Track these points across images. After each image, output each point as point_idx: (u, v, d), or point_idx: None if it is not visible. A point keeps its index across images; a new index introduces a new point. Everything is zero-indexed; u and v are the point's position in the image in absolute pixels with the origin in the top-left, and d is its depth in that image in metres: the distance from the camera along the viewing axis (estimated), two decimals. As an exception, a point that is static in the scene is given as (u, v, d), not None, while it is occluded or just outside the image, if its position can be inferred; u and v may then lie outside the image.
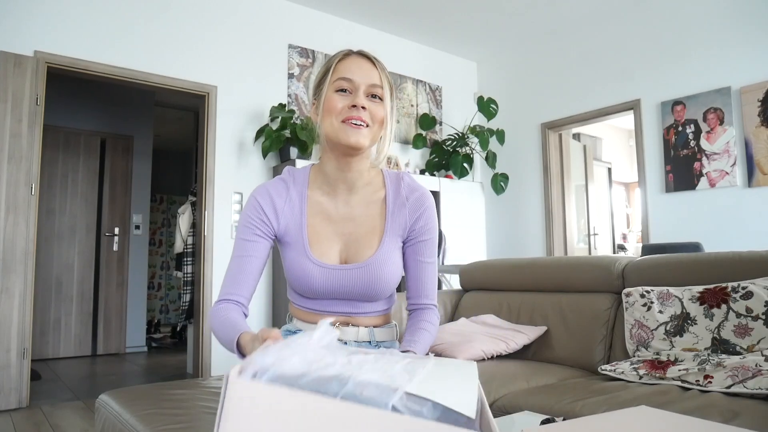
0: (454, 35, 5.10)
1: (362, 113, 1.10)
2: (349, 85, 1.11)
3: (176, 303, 7.80)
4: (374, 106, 1.12)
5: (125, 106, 5.57)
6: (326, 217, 1.20)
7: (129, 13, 3.70)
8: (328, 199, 1.21)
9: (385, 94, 1.14)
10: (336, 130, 1.11)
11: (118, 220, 5.45)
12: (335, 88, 1.12)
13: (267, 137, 3.89)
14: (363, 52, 1.16)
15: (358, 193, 1.21)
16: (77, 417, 3.02)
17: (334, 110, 1.11)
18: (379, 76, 1.13)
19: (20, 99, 3.25)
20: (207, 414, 1.29)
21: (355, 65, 1.13)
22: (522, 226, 5.16)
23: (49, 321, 5.03)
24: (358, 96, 1.10)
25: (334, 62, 1.14)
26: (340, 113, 1.11)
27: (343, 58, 1.15)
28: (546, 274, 2.32)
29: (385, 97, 1.14)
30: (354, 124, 1.10)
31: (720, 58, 3.93)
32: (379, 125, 1.14)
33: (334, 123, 1.11)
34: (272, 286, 4.08)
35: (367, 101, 1.12)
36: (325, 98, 1.13)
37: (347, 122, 1.10)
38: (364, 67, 1.13)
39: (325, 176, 1.20)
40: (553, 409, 1.44)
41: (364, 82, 1.11)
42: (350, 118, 1.10)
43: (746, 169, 3.77)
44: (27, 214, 3.24)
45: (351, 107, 1.10)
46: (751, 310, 1.61)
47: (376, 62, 1.15)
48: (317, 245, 1.17)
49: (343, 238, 1.19)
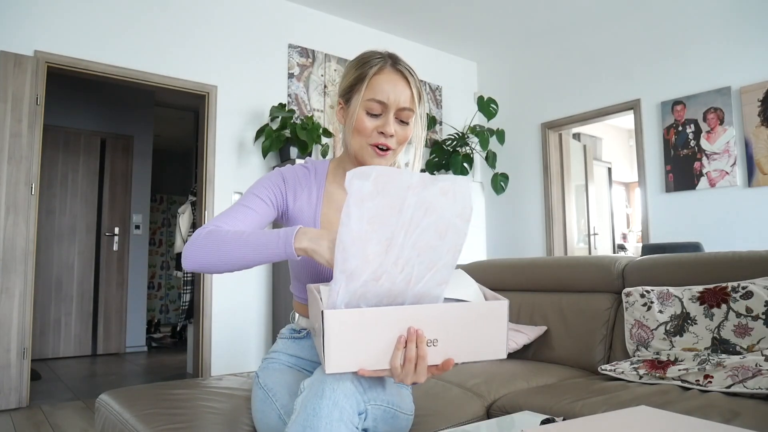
0: (454, 35, 5.10)
1: (389, 140, 1.13)
2: (380, 107, 1.12)
3: (176, 303, 7.80)
4: (401, 129, 1.15)
5: (125, 106, 5.57)
6: (340, 209, 1.21)
7: (129, 13, 3.71)
8: (344, 193, 1.22)
9: (414, 117, 1.16)
10: (363, 150, 1.15)
11: (118, 220, 5.45)
12: (366, 108, 1.12)
13: (267, 137, 3.89)
14: (398, 65, 1.15)
15: None
16: (77, 417, 3.02)
17: (364, 132, 1.13)
18: (410, 97, 1.14)
19: (20, 99, 3.25)
20: (207, 414, 1.29)
21: (389, 85, 1.12)
22: (522, 226, 5.15)
23: (49, 321, 5.03)
24: (388, 122, 1.12)
25: (369, 73, 1.12)
26: (369, 136, 1.13)
27: (378, 71, 1.13)
28: (546, 274, 2.32)
29: (414, 119, 1.16)
30: (380, 150, 1.13)
31: (720, 58, 3.93)
32: (402, 144, 1.17)
33: (362, 143, 1.14)
34: (272, 287, 4.08)
35: (396, 125, 1.14)
36: (356, 117, 1.13)
37: (374, 147, 1.13)
38: (398, 87, 1.12)
39: (344, 172, 1.23)
40: (553, 409, 1.44)
41: (395, 104, 1.12)
42: (377, 144, 1.13)
43: (746, 169, 3.77)
44: (27, 214, 3.24)
45: (379, 133, 1.13)
46: (751, 309, 1.61)
47: (410, 78, 1.14)
48: None
49: None
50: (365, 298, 0.87)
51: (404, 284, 0.87)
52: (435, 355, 0.89)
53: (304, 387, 0.92)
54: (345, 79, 1.18)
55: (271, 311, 4.07)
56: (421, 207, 0.87)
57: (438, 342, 0.88)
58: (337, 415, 0.87)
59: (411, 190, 0.87)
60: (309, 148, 3.97)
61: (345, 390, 0.89)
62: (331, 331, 0.82)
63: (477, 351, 0.92)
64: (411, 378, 0.88)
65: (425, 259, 0.88)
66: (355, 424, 0.90)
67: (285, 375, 1.18)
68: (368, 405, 0.95)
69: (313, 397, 0.88)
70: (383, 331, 0.85)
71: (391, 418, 1.04)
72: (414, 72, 1.16)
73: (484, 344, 0.92)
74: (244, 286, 4.00)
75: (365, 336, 0.85)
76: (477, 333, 0.91)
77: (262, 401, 1.15)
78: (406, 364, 0.87)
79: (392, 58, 1.16)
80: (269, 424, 1.11)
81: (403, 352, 0.87)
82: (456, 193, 0.89)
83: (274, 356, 1.26)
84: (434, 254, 0.88)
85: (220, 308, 3.88)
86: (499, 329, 0.92)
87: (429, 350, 0.88)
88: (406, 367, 0.87)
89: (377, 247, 0.86)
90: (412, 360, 0.86)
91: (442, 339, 0.89)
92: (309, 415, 0.87)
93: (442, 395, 1.59)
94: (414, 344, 0.86)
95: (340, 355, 0.84)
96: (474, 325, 0.90)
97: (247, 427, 1.23)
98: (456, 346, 0.90)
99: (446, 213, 0.89)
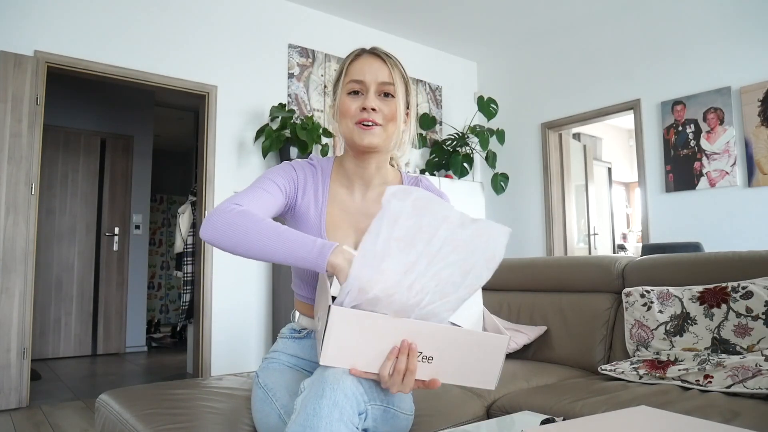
0: (454, 35, 5.10)
1: (373, 114, 1.14)
2: (359, 86, 1.15)
3: (176, 303, 7.80)
4: (385, 105, 1.15)
5: (125, 106, 5.57)
6: (344, 208, 1.23)
7: (129, 13, 3.70)
8: (347, 192, 1.25)
9: (397, 90, 1.16)
10: (350, 131, 1.16)
11: (118, 220, 5.45)
12: (347, 90, 1.16)
13: (267, 137, 3.89)
14: (375, 50, 1.19)
15: (374, 190, 1.24)
16: (77, 417, 3.02)
17: (347, 113, 1.15)
18: (389, 73, 1.15)
19: (20, 99, 3.25)
20: (207, 414, 1.29)
21: (366, 65, 1.15)
22: (522, 226, 5.15)
23: (49, 321, 5.03)
24: (368, 98, 1.14)
25: (346, 63, 1.18)
26: (354, 116, 1.15)
27: (354, 58, 1.18)
28: (546, 274, 2.32)
29: (398, 93, 1.16)
30: (365, 125, 1.14)
31: (720, 58, 3.93)
32: (393, 122, 1.17)
33: (348, 125, 1.16)
34: (272, 286, 4.08)
35: (378, 101, 1.15)
36: (340, 101, 1.17)
37: (359, 124, 1.14)
38: (375, 66, 1.15)
39: (345, 171, 1.24)
40: (553, 409, 1.44)
41: (373, 81, 1.14)
42: (362, 120, 1.14)
43: (746, 169, 3.77)
44: (27, 214, 3.24)
45: (362, 109, 1.14)
46: (751, 309, 1.61)
47: (386, 59, 1.17)
48: (333, 233, 1.19)
49: (359, 233, 1.20)
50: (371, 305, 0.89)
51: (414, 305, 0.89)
52: (427, 372, 0.92)
53: (305, 387, 0.92)
54: (332, 80, 1.25)
55: (271, 311, 4.07)
56: (452, 243, 0.89)
57: (433, 360, 0.91)
58: (337, 415, 0.87)
59: (446, 224, 0.89)
60: (309, 148, 3.97)
61: (345, 390, 0.89)
62: (333, 326, 0.86)
63: (468, 377, 0.95)
64: (396, 388, 0.91)
65: (441, 290, 0.90)
66: (355, 424, 0.90)
67: (285, 375, 1.18)
68: (368, 405, 0.95)
69: (314, 397, 0.88)
70: (382, 338, 0.88)
71: (391, 419, 1.04)
72: (393, 56, 1.18)
73: (477, 372, 0.95)
74: (244, 286, 4.00)
75: (364, 338, 0.88)
76: (472, 360, 0.93)
77: (262, 401, 1.15)
78: (395, 374, 0.90)
79: (371, 47, 1.20)
80: (269, 423, 1.11)
81: (394, 363, 0.90)
82: (490, 239, 0.91)
83: (274, 356, 1.26)
84: (452, 288, 0.90)
85: (220, 308, 3.88)
86: (494, 362, 0.95)
87: (422, 366, 0.91)
88: (394, 377, 0.90)
89: (397, 266, 0.87)
90: (401, 372, 0.90)
91: (437, 358, 0.91)
92: (309, 415, 0.87)
93: (442, 395, 1.59)
94: (405, 356, 0.90)
95: (336, 350, 0.88)
96: (471, 352, 0.93)
97: (247, 427, 1.23)
98: (449, 368, 0.93)
99: (475, 256, 0.90)
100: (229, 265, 3.93)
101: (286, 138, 3.98)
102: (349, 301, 0.87)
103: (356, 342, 0.88)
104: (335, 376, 0.90)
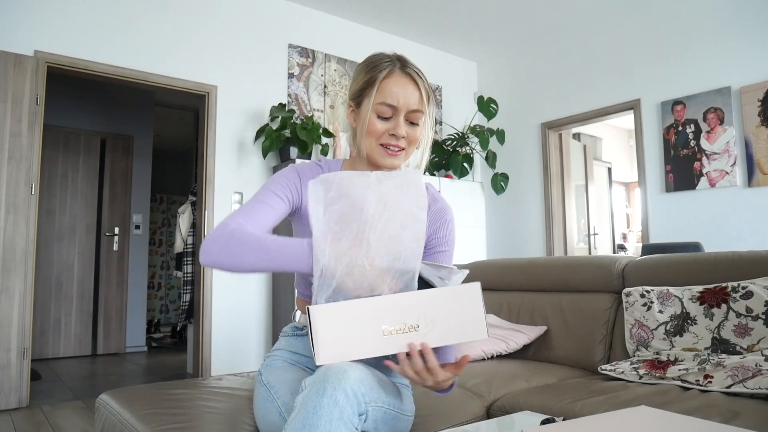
0: (454, 35, 5.10)
1: (400, 141, 1.16)
2: (391, 111, 1.14)
3: (176, 303, 7.80)
4: (412, 131, 1.16)
5: (125, 106, 5.57)
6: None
7: (129, 13, 3.70)
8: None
9: (423, 118, 1.17)
10: (374, 150, 1.17)
11: (118, 220, 5.45)
12: (377, 112, 1.14)
13: (267, 137, 3.89)
14: (407, 68, 1.16)
15: None
16: (77, 417, 3.02)
17: (374, 134, 1.15)
18: (419, 98, 1.15)
19: (20, 99, 3.25)
20: (207, 414, 1.29)
21: (399, 87, 1.13)
22: (522, 226, 5.15)
23: (49, 321, 5.03)
24: (398, 125, 1.14)
25: (379, 77, 1.14)
26: (380, 138, 1.15)
27: (388, 75, 1.14)
28: (546, 274, 2.32)
29: (423, 120, 1.18)
30: (391, 151, 1.16)
31: (720, 58, 3.93)
32: (414, 144, 1.20)
33: (372, 144, 1.16)
34: (272, 286, 4.08)
35: (406, 126, 1.15)
36: (368, 120, 1.14)
37: (384, 147, 1.15)
38: (408, 90, 1.14)
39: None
40: (553, 409, 1.44)
41: (405, 107, 1.14)
42: (389, 145, 1.15)
43: (746, 169, 3.77)
44: (27, 214, 3.24)
45: (390, 135, 1.15)
46: (751, 309, 1.61)
47: (418, 80, 1.15)
48: None
49: None
50: (343, 293, 0.96)
51: (377, 277, 0.96)
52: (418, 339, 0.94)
53: (306, 385, 0.93)
54: (355, 82, 1.19)
55: (271, 311, 4.07)
56: (381, 202, 0.96)
57: (419, 327, 0.94)
58: (337, 414, 0.87)
59: (370, 189, 0.98)
60: (309, 148, 3.97)
61: (346, 390, 0.89)
62: (317, 324, 0.90)
63: (458, 333, 0.96)
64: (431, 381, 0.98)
65: (392, 250, 0.97)
66: (355, 424, 0.90)
67: (287, 372, 1.18)
68: (369, 407, 0.95)
69: (314, 395, 0.89)
70: (366, 321, 0.92)
71: (392, 420, 1.05)
72: (422, 74, 1.17)
73: (464, 326, 0.96)
74: (244, 286, 4.00)
75: (349, 327, 0.92)
76: (456, 316, 0.96)
77: (263, 398, 1.16)
78: (419, 374, 0.96)
79: (401, 61, 1.17)
80: (270, 421, 1.12)
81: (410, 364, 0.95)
82: (410, 184, 1.00)
83: (276, 353, 1.26)
84: (399, 244, 0.98)
85: (220, 308, 3.88)
86: (476, 311, 0.96)
87: (411, 335, 0.93)
88: (422, 376, 0.96)
89: (347, 243, 0.95)
90: (423, 371, 0.95)
91: (423, 324, 0.94)
92: (309, 413, 0.87)
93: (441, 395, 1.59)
94: (417, 357, 0.95)
95: (328, 347, 0.91)
96: (450, 309, 0.95)
97: (247, 427, 1.23)
98: (438, 331, 0.95)
99: (404, 205, 0.97)
100: (229, 265, 3.92)
101: (286, 138, 3.98)
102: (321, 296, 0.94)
103: (344, 333, 0.91)
104: (337, 375, 0.90)
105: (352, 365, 0.94)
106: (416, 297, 0.94)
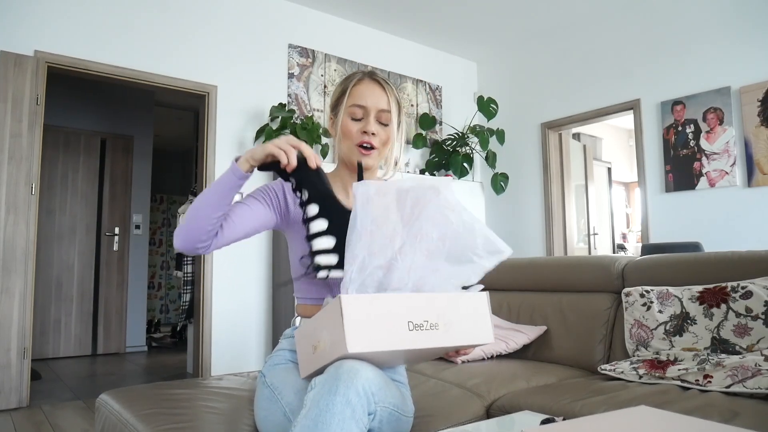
0: (454, 35, 5.10)
1: (372, 138, 1.26)
2: (362, 111, 1.26)
3: (176, 303, 7.80)
4: (382, 130, 1.28)
5: (125, 106, 5.57)
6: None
7: (129, 13, 3.71)
8: (344, 196, 1.30)
9: (392, 118, 1.29)
10: (350, 151, 1.28)
11: (118, 220, 5.45)
12: (350, 114, 1.27)
13: (267, 137, 3.89)
14: (375, 76, 1.31)
15: None
16: (77, 417, 3.02)
17: (349, 135, 1.27)
18: (387, 101, 1.28)
19: (20, 99, 3.25)
20: (207, 414, 1.29)
21: (367, 91, 1.27)
22: (522, 226, 5.16)
23: (49, 321, 5.03)
24: (369, 123, 1.26)
25: (350, 85, 1.29)
26: (354, 138, 1.27)
27: (357, 82, 1.29)
28: (546, 274, 2.32)
29: (392, 121, 1.29)
30: (364, 149, 1.26)
31: (720, 58, 3.94)
32: (387, 145, 1.30)
33: (349, 145, 1.28)
34: (272, 286, 4.08)
35: (377, 125, 1.27)
36: (342, 123, 1.28)
37: (359, 147, 1.26)
38: (376, 93, 1.27)
39: (342, 182, 1.32)
40: (553, 409, 1.44)
41: (374, 107, 1.26)
42: (362, 143, 1.26)
43: (746, 169, 3.77)
44: (27, 214, 3.24)
45: (362, 133, 1.26)
46: (751, 309, 1.61)
47: (385, 86, 1.29)
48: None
49: None
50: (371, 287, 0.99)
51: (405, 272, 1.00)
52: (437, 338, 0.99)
53: (316, 384, 0.93)
54: (332, 96, 1.34)
55: (271, 311, 4.07)
56: (418, 203, 1.04)
57: (439, 327, 0.99)
58: (349, 413, 0.88)
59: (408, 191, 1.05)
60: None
61: (357, 389, 0.90)
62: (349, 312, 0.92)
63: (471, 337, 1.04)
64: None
65: (422, 247, 1.02)
66: (365, 423, 0.92)
67: (291, 374, 1.19)
68: (378, 406, 0.96)
69: (327, 394, 0.89)
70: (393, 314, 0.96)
71: (395, 421, 1.06)
72: (390, 82, 1.33)
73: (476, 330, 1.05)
74: (244, 287, 4.00)
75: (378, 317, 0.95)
76: (469, 320, 1.04)
77: (267, 399, 1.16)
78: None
79: (371, 72, 1.32)
80: (274, 422, 1.12)
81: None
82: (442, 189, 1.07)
83: (279, 354, 1.27)
84: (429, 242, 1.03)
85: (220, 308, 3.88)
86: (484, 317, 1.06)
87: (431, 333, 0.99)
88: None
89: (383, 240, 1.00)
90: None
91: (442, 324, 1.00)
92: (322, 411, 0.88)
93: (442, 395, 1.59)
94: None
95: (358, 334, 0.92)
96: (466, 313, 1.04)
97: (247, 427, 1.23)
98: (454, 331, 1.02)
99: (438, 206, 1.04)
100: (229, 265, 3.93)
101: (286, 138, 3.97)
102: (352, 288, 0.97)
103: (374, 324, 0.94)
104: (349, 373, 0.91)
105: (364, 364, 0.94)
106: (436, 298, 1.01)
